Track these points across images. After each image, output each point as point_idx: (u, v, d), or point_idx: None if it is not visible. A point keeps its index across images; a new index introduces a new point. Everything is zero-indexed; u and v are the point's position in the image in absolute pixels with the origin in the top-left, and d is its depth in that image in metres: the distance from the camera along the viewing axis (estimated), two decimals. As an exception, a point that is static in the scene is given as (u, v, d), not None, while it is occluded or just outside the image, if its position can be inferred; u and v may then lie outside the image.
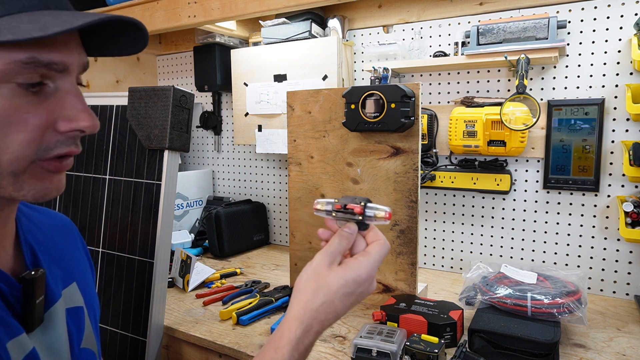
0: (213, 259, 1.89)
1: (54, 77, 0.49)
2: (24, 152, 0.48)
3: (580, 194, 1.44)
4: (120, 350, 1.19)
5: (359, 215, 0.64)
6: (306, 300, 0.60)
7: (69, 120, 0.50)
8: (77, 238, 0.74)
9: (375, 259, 0.64)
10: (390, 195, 1.30)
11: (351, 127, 1.30)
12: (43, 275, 0.57)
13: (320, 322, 0.60)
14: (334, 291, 0.60)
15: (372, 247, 0.65)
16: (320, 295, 0.60)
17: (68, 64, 0.50)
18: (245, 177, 2.19)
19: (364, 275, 0.62)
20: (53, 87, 0.50)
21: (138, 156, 1.20)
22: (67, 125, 0.50)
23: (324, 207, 0.67)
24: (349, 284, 0.61)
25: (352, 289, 0.61)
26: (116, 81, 2.24)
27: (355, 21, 1.77)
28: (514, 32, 1.38)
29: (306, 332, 0.59)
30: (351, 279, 0.61)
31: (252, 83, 1.90)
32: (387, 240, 0.67)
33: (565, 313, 1.06)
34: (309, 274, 0.62)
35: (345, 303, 0.61)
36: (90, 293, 0.70)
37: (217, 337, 1.19)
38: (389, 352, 1.01)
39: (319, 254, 0.63)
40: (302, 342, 0.58)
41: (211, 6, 1.55)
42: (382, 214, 0.64)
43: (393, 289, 1.33)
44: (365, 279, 0.62)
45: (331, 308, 0.60)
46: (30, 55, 0.46)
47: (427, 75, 1.66)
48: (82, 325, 0.65)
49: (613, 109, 1.37)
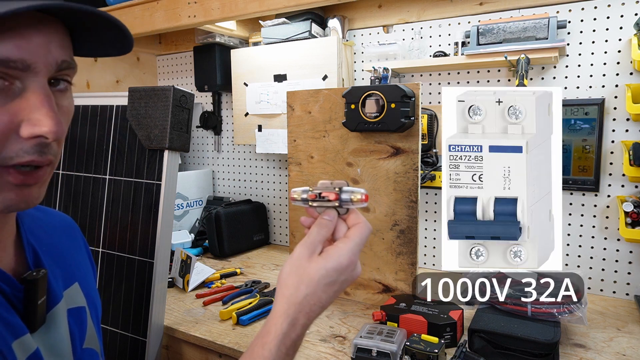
0: (213, 259, 1.89)
1: (20, 76, 0.45)
2: None
3: (580, 194, 1.44)
4: (120, 350, 1.19)
5: (335, 202, 0.63)
6: (289, 294, 0.59)
7: (32, 125, 0.45)
8: (79, 238, 0.74)
9: (356, 242, 0.62)
10: (390, 195, 1.30)
11: (351, 127, 1.30)
12: (45, 275, 0.57)
13: (306, 315, 0.59)
14: (316, 282, 0.59)
15: (351, 232, 0.63)
16: (303, 288, 0.59)
17: (30, 62, 0.45)
18: (245, 177, 2.19)
19: (345, 263, 0.60)
20: (20, 88, 0.45)
21: (138, 156, 1.20)
22: (28, 129, 0.45)
23: (300, 195, 0.65)
24: (330, 273, 0.59)
25: (334, 277, 0.60)
26: (116, 81, 2.24)
27: (355, 21, 1.77)
28: (514, 32, 1.39)
29: (292, 325, 0.58)
30: (332, 268, 0.60)
31: (252, 83, 1.90)
32: (367, 222, 0.65)
33: (565, 313, 1.06)
34: (290, 268, 0.61)
35: (328, 293, 0.60)
36: (92, 293, 0.70)
37: (217, 337, 1.19)
38: (389, 352, 1.01)
39: (298, 245, 0.62)
40: (288, 336, 0.58)
41: (211, 6, 1.55)
42: (359, 196, 0.62)
43: (393, 289, 1.33)
44: (347, 266, 0.61)
45: (315, 299, 0.59)
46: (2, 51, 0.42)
47: (427, 75, 1.66)
48: (85, 325, 0.65)
49: (613, 109, 1.37)
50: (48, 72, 0.47)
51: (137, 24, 1.74)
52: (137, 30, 1.74)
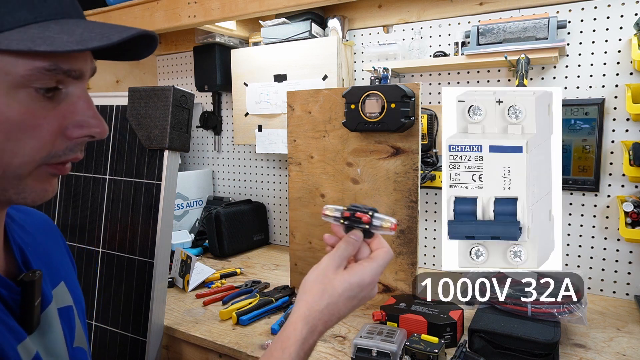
0: (213, 259, 1.89)
1: (67, 82, 0.49)
2: (34, 157, 0.48)
3: (580, 194, 1.44)
4: (120, 350, 1.19)
5: (366, 224, 0.67)
6: (312, 301, 0.62)
7: (80, 127, 0.50)
8: (58, 236, 0.74)
9: (379, 264, 0.66)
10: (390, 195, 1.30)
11: (351, 127, 1.30)
12: (40, 277, 0.56)
13: (324, 323, 0.62)
14: (339, 294, 0.63)
15: (377, 254, 0.67)
16: (326, 297, 0.62)
17: (84, 71, 0.50)
18: (245, 177, 2.19)
19: (367, 280, 0.64)
20: (65, 93, 0.49)
21: (138, 156, 1.20)
22: (78, 131, 0.50)
23: (333, 213, 0.69)
24: (353, 287, 0.63)
25: (356, 292, 0.64)
26: (116, 81, 2.24)
27: (355, 21, 1.77)
28: (514, 32, 1.38)
29: (311, 332, 0.61)
30: (355, 283, 0.63)
31: (252, 83, 1.90)
32: (390, 249, 0.69)
33: (565, 313, 1.06)
34: (316, 276, 0.64)
35: (348, 306, 0.64)
36: (76, 291, 0.70)
37: (217, 337, 1.19)
38: (389, 352, 1.01)
39: (327, 257, 0.66)
40: (307, 342, 0.60)
41: (211, 6, 1.55)
42: (389, 224, 0.67)
43: (393, 289, 1.33)
44: (369, 284, 0.65)
45: (335, 310, 0.63)
46: (53, 63, 0.46)
47: (427, 75, 1.66)
48: (73, 324, 0.65)
49: (613, 109, 1.37)
50: (88, 78, 0.52)
51: (137, 24, 1.74)
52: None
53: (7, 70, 0.44)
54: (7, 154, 0.46)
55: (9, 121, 0.45)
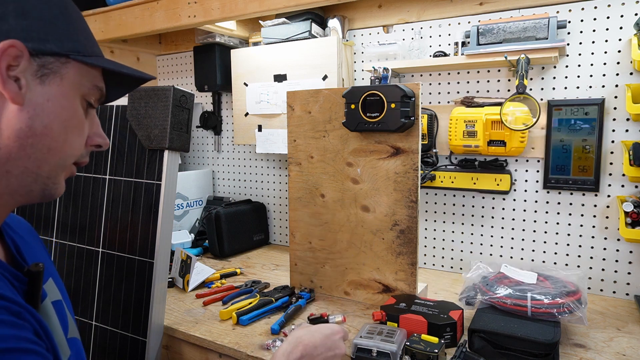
0: (213, 259, 1.89)
1: (95, 102, 0.63)
2: (75, 152, 0.61)
3: (580, 194, 1.44)
4: (120, 350, 1.19)
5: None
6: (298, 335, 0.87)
7: (97, 137, 0.65)
8: (36, 236, 0.79)
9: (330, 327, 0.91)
10: (390, 195, 1.30)
11: (351, 127, 1.30)
12: (44, 268, 0.60)
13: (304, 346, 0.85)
14: (315, 329, 0.90)
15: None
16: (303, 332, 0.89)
17: (104, 95, 0.66)
18: (245, 177, 2.19)
19: (333, 328, 0.91)
20: (91, 110, 0.63)
21: (138, 156, 1.20)
22: (95, 140, 0.64)
23: None
24: (324, 327, 0.91)
25: (326, 330, 0.90)
26: (116, 81, 2.23)
27: (355, 21, 1.77)
28: (514, 32, 1.39)
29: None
30: (324, 326, 0.91)
31: (252, 83, 1.90)
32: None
33: (565, 313, 1.06)
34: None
35: (323, 342, 0.88)
36: (61, 287, 0.74)
37: (217, 337, 1.19)
38: (389, 352, 1.01)
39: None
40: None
41: (211, 6, 1.55)
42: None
43: (393, 289, 1.33)
44: (334, 331, 0.90)
45: (309, 338, 0.87)
46: (99, 84, 0.63)
47: (427, 75, 1.66)
48: (65, 316, 0.69)
49: (613, 109, 1.37)
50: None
51: (137, 24, 1.74)
52: (137, 31, 1.74)
53: (82, 83, 0.60)
54: (67, 143, 0.59)
55: (74, 118, 0.59)
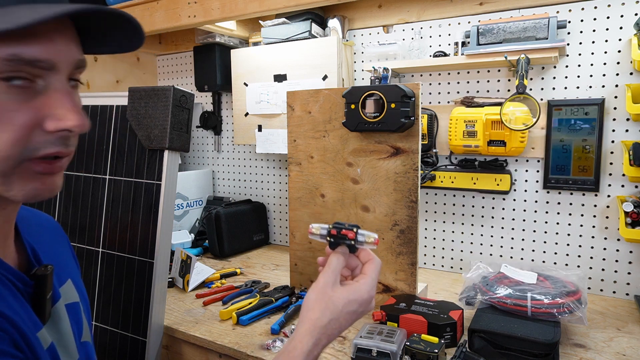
0: (213, 259, 1.89)
1: (43, 75, 0.48)
2: (9, 152, 0.47)
3: (580, 194, 1.44)
4: (120, 350, 1.19)
5: (351, 240, 0.73)
6: (315, 318, 0.68)
7: (57, 120, 0.49)
8: (62, 236, 0.77)
9: (372, 277, 0.73)
10: (390, 195, 1.30)
11: (351, 127, 1.30)
12: (52, 271, 0.59)
13: (328, 337, 0.68)
14: (340, 310, 0.68)
15: (368, 268, 0.74)
16: (328, 313, 0.68)
17: (55, 62, 0.48)
18: (245, 177, 2.19)
19: (366, 296, 0.71)
20: (43, 85, 0.48)
21: (138, 156, 1.20)
22: (54, 124, 0.49)
23: (319, 231, 0.76)
24: (352, 303, 0.69)
25: (355, 307, 0.70)
26: (116, 81, 2.24)
27: (355, 21, 1.77)
28: (514, 32, 1.38)
29: (315, 345, 0.66)
30: (354, 300, 0.70)
31: (252, 83, 1.90)
32: (377, 258, 0.75)
33: (565, 313, 1.06)
34: (317, 294, 0.70)
35: (348, 320, 0.70)
36: (81, 289, 0.73)
37: (217, 337, 1.19)
38: (389, 352, 1.01)
39: (322, 275, 0.72)
40: (312, 354, 0.66)
41: (211, 6, 1.55)
42: (372, 239, 0.73)
43: (393, 289, 1.33)
44: (367, 299, 0.71)
45: (337, 324, 0.69)
46: (12, 52, 0.45)
47: (427, 75, 1.66)
48: (80, 320, 0.68)
49: (613, 109, 1.37)
50: (68, 70, 0.51)
51: (137, 24, 1.73)
52: (137, 30, 1.74)
53: None
54: None
55: None
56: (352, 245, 0.74)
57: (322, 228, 0.75)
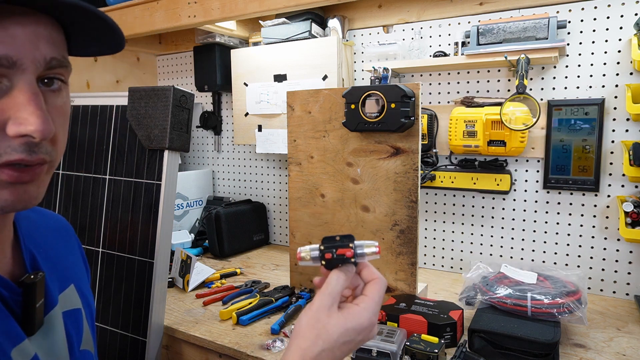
0: (213, 259, 1.89)
1: (7, 74, 0.44)
2: None
3: (580, 194, 1.44)
4: (120, 350, 1.19)
5: (351, 259, 0.62)
6: (305, 347, 0.59)
7: (18, 124, 0.44)
8: (73, 238, 0.74)
9: (375, 301, 0.62)
10: (390, 195, 1.30)
11: (351, 127, 1.30)
12: (43, 278, 0.56)
13: None
14: (334, 340, 0.59)
15: (370, 289, 0.63)
16: (320, 343, 0.59)
17: (15, 59, 0.44)
18: (245, 177, 2.19)
19: (366, 324, 0.61)
20: (7, 86, 0.44)
21: (138, 156, 1.20)
22: (14, 128, 0.44)
23: (309, 255, 0.63)
24: (349, 332, 0.60)
25: (352, 337, 0.60)
26: (116, 81, 2.24)
27: (355, 21, 1.77)
28: (514, 32, 1.38)
29: None
30: (351, 328, 0.60)
31: (252, 83, 1.90)
32: (382, 277, 0.65)
33: (565, 313, 1.06)
34: (309, 319, 0.60)
35: (344, 351, 0.61)
36: (86, 294, 0.70)
37: (217, 337, 1.19)
38: (389, 352, 1.00)
39: (318, 296, 0.62)
40: None
41: (211, 6, 1.55)
42: (373, 249, 0.63)
43: (393, 289, 1.33)
44: (367, 327, 0.61)
45: (330, 356, 0.59)
46: None
47: (427, 75, 1.66)
48: (81, 327, 0.65)
49: (613, 109, 1.37)
50: (36, 69, 0.46)
51: (137, 24, 1.74)
52: (137, 30, 1.74)
53: None
54: None
55: None
56: (353, 263, 0.63)
57: (312, 250, 0.64)
